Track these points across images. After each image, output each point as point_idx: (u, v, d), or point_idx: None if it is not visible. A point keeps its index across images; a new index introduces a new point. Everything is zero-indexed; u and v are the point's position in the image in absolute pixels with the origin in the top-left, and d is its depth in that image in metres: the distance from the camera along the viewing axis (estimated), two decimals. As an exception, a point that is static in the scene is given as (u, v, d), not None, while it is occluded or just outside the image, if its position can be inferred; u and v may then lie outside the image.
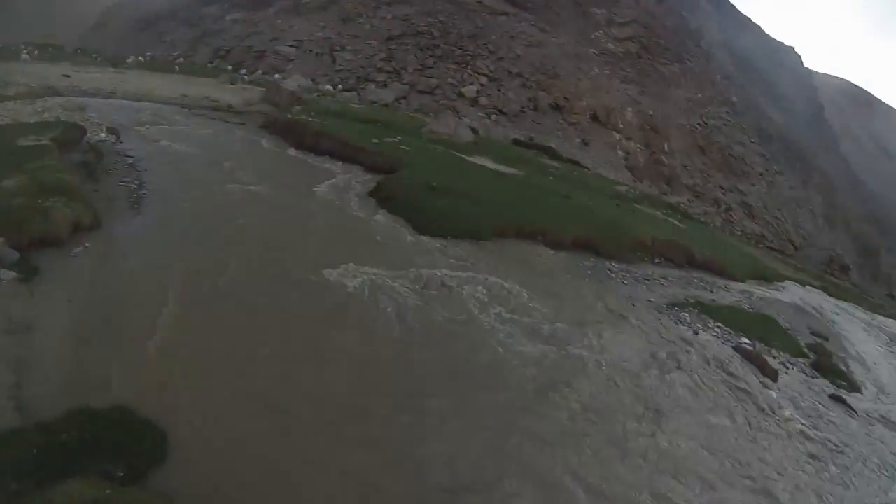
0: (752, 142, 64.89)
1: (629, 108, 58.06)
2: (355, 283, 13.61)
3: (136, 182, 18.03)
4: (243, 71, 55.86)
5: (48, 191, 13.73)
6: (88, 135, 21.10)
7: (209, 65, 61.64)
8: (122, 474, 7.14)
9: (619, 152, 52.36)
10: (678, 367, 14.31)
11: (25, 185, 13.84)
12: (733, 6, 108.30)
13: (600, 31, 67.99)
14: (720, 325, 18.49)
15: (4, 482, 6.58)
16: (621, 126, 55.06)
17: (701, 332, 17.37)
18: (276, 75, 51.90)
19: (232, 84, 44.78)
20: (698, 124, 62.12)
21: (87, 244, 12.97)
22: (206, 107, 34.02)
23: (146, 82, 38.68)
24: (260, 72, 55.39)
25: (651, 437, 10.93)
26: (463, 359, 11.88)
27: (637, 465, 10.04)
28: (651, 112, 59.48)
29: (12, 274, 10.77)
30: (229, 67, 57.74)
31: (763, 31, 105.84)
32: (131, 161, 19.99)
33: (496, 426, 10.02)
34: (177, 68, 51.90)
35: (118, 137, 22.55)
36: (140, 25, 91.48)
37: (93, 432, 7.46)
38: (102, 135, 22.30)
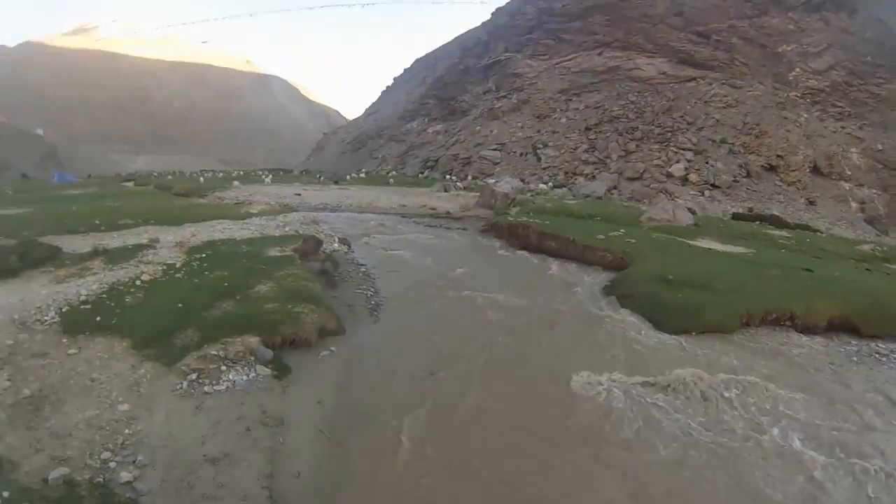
0: None
1: (853, 149, 52.39)
2: (607, 394, 13.24)
3: (372, 289, 19.55)
4: (453, 177, 59.85)
5: (295, 297, 15.06)
6: (324, 245, 23.32)
7: (419, 175, 67.32)
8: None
9: (853, 204, 47.28)
10: None
11: (276, 290, 15.33)
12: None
13: (797, 69, 62.49)
14: None
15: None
16: (848, 173, 49.95)
17: None
18: (486, 179, 54.96)
19: (445, 191, 48.19)
20: (944, 145, 52.96)
21: (332, 348, 14.06)
22: (424, 215, 37.09)
23: (366, 196, 43.44)
24: (469, 177, 59.09)
25: None
26: (743, 484, 10.63)
27: None
28: (880, 147, 52.61)
29: (267, 371, 11.87)
30: (439, 176, 62.62)
31: None
32: (364, 269, 21.83)
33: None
34: (391, 181, 57.44)
35: (349, 247, 24.94)
36: (353, 146, 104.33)
37: None
38: (335, 245, 24.66)
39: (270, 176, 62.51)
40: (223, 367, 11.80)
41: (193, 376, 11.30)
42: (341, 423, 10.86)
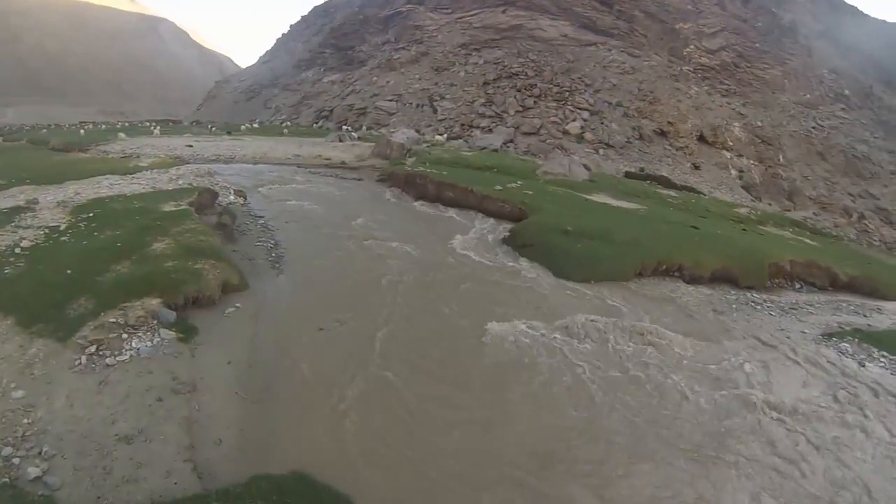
0: (875, 137, 58.86)
1: (736, 123, 56.00)
2: (517, 338, 13.60)
3: (272, 241, 19.02)
4: (348, 128, 58.54)
5: (195, 253, 14.60)
6: (220, 198, 22.37)
7: (314, 125, 65.56)
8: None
9: (733, 171, 50.46)
10: (854, 406, 13.05)
11: (174, 248, 14.75)
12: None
13: (691, 46, 66.14)
14: (885, 353, 16.97)
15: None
16: (730, 144, 53.24)
17: (867, 363, 15.91)
18: (382, 130, 54.28)
19: (340, 141, 47.05)
20: (812, 128, 57.88)
21: (238, 304, 13.60)
22: (320, 165, 36.15)
23: (260, 146, 41.79)
24: (364, 128, 58.05)
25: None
26: (638, 413, 11.47)
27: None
28: (759, 123, 56.88)
29: (172, 334, 11.28)
30: (333, 126, 61.08)
31: (861, 12, 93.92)
32: (262, 221, 21.16)
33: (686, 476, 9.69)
34: (285, 131, 55.71)
35: (245, 199, 24.03)
36: (246, 96, 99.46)
37: (279, 502, 7.51)
38: (231, 197, 23.78)
39: (159, 127, 58.43)
40: (124, 335, 10.83)
41: (92, 349, 10.26)
42: (256, 383, 10.47)
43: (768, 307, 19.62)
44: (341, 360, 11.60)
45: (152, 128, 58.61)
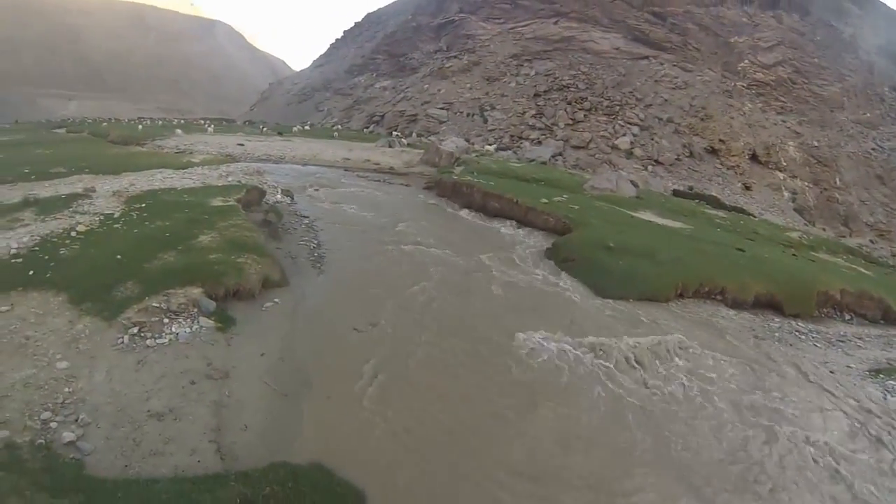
0: None
1: (790, 142, 54.48)
2: (546, 352, 13.59)
3: (315, 241, 19.32)
4: (398, 134, 58.95)
5: (239, 248, 14.96)
6: (267, 196, 22.88)
7: (364, 130, 66.08)
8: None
9: (786, 193, 49.18)
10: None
11: (219, 241, 15.18)
12: (883, 2, 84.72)
13: (746, 61, 64.73)
14: None
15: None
16: (784, 164, 51.88)
17: None
18: (431, 137, 54.52)
19: (390, 147, 47.53)
20: (872, 149, 55.90)
21: (276, 300, 13.89)
22: (368, 169, 36.45)
23: (310, 148, 42.52)
24: (414, 134, 58.28)
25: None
26: (662, 437, 11.33)
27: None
28: (815, 143, 55.11)
29: (211, 323, 11.62)
30: (384, 132, 61.69)
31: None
32: (307, 221, 21.48)
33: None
34: (335, 134, 56.21)
35: (292, 199, 24.46)
36: (298, 98, 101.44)
37: (295, 489, 7.69)
38: (279, 196, 24.21)
39: (213, 125, 60.29)
40: (165, 320, 11.34)
41: (135, 330, 10.79)
42: (287, 376, 10.69)
43: (813, 337, 18.97)
44: (371, 362, 11.78)
45: (206, 126, 60.20)
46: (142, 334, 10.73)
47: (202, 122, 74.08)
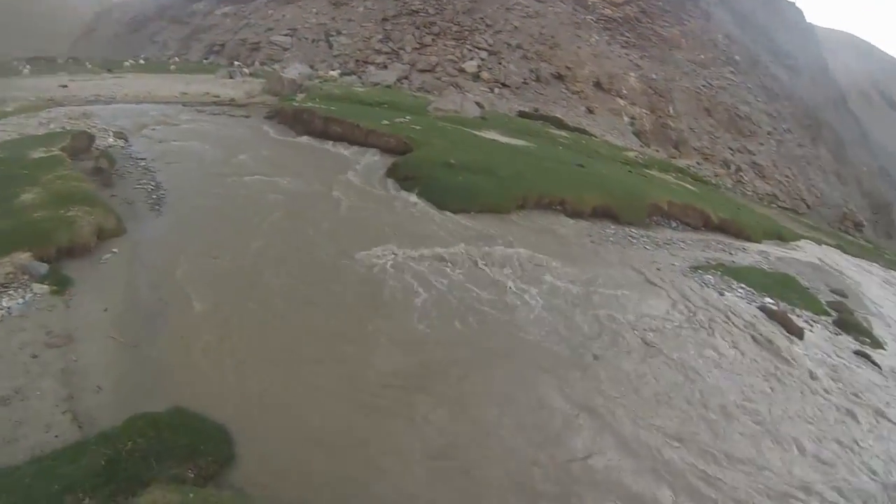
0: (758, 101, 63.31)
1: (632, 74, 57.25)
2: (388, 265, 13.85)
3: (152, 184, 18.04)
4: (239, 64, 54.99)
5: (67, 200, 13.63)
6: (97, 141, 20.90)
7: (204, 61, 60.65)
8: (192, 476, 7.13)
9: (625, 118, 51.73)
10: (709, 328, 14.61)
11: (43, 197, 13.79)
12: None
13: None
14: (743, 286, 18.53)
15: (77, 498, 6.44)
16: (625, 92, 54.39)
17: (726, 293, 17.48)
18: (275, 65, 51.28)
19: (231, 78, 44.34)
20: (702, 86, 60.89)
21: (114, 250, 12.99)
22: (208, 103, 33.95)
23: (144, 84, 38.49)
24: (257, 63, 54.77)
25: (691, 391, 11.53)
26: (505, 333, 12.05)
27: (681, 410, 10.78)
28: (654, 76, 58.60)
29: (45, 288, 10.68)
30: (224, 62, 57.18)
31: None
32: (143, 163, 19.98)
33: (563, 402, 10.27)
34: (172, 67, 51.23)
35: (126, 141, 22.47)
36: (129, 28, 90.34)
37: (157, 437, 7.42)
38: (111, 140, 22.13)
39: (28, 66, 51.48)
40: None
41: None
42: (134, 326, 10.21)
43: (644, 241, 20.53)
44: (214, 296, 11.48)
45: (21, 67, 52.16)
46: (-34, 316, 9.58)
47: (14, 62, 63.76)
